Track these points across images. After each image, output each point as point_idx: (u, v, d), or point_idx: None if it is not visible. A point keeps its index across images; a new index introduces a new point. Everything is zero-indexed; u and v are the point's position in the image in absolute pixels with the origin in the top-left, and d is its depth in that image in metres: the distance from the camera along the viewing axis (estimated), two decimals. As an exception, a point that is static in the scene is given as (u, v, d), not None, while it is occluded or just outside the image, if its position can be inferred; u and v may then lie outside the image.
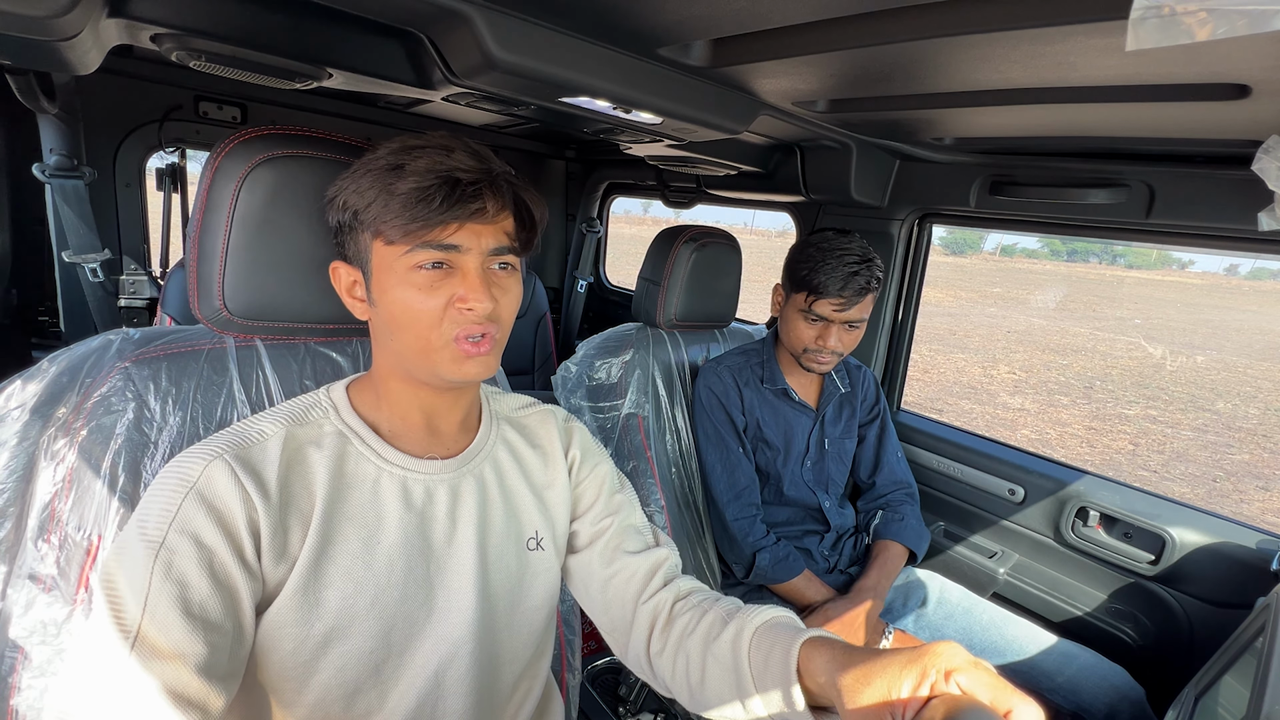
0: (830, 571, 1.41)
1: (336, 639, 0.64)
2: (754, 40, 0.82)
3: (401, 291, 0.63)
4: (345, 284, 0.69)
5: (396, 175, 0.60)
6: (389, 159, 0.62)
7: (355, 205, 0.63)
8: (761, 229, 42.70)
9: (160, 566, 0.55)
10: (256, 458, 0.62)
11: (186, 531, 0.57)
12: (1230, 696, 0.79)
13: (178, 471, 0.60)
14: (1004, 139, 1.29)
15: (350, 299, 0.70)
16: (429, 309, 0.63)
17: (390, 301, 0.64)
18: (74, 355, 0.70)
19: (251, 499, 0.60)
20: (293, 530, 0.62)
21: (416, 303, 0.63)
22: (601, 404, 1.38)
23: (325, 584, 0.63)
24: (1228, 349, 13.30)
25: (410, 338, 0.64)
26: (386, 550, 0.66)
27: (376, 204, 0.62)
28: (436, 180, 0.60)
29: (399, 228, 0.61)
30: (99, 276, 1.66)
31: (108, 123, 1.73)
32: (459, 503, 0.72)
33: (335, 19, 0.86)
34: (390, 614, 0.66)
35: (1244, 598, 1.22)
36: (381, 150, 0.64)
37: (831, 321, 1.29)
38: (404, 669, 0.68)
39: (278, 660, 0.63)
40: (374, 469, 0.68)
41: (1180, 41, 0.42)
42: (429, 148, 0.62)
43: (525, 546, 0.77)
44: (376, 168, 0.62)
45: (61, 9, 0.60)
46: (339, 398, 0.72)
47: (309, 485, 0.64)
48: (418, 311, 0.63)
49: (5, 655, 0.63)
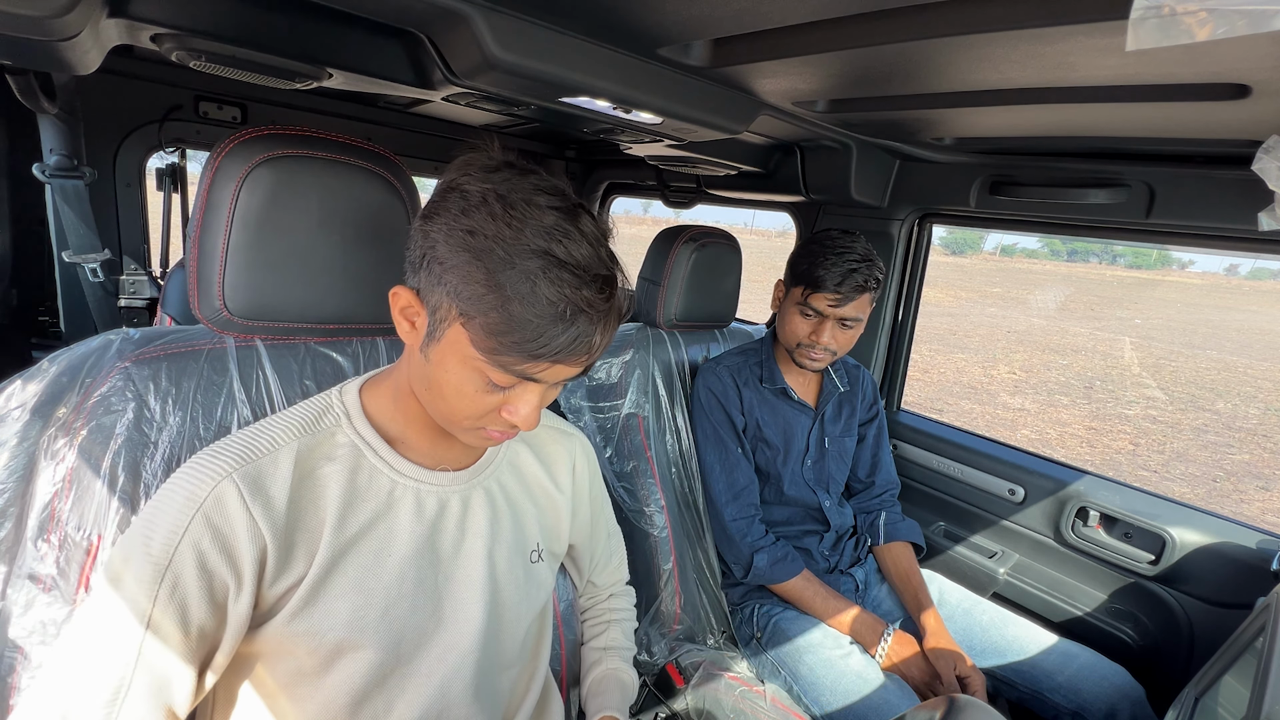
0: (830, 571, 1.41)
1: (347, 649, 0.64)
2: (754, 40, 0.82)
3: (459, 378, 0.59)
4: (402, 307, 0.62)
5: (520, 293, 0.52)
6: (521, 263, 0.53)
7: (454, 279, 0.54)
8: (761, 229, 42.67)
9: (166, 587, 0.56)
10: (266, 475, 0.61)
11: (193, 552, 0.56)
12: (1230, 696, 0.79)
13: (186, 487, 0.58)
14: (1004, 139, 1.29)
15: (402, 319, 0.63)
16: (478, 407, 0.61)
17: (443, 376, 0.60)
18: (74, 355, 0.70)
19: (259, 528, 0.59)
20: (299, 547, 0.62)
21: (468, 398, 0.60)
22: (601, 404, 1.37)
23: (337, 595, 0.63)
24: (1228, 349, 13.30)
25: (443, 408, 0.62)
26: (398, 562, 0.66)
27: (486, 307, 0.53)
28: (557, 320, 0.53)
29: (500, 348, 0.55)
30: (99, 276, 1.65)
31: (108, 123, 1.72)
32: (469, 514, 0.72)
33: (335, 19, 0.86)
34: (400, 625, 0.66)
35: (1244, 598, 1.22)
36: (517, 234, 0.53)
37: (826, 317, 1.29)
38: (411, 678, 0.68)
39: (287, 668, 0.64)
40: (388, 481, 0.67)
41: (1180, 41, 0.42)
42: (567, 267, 0.53)
43: (529, 559, 0.78)
44: (503, 262, 0.53)
45: (61, 9, 0.60)
46: (352, 403, 0.70)
47: (319, 501, 0.63)
48: (466, 403, 0.60)
49: (5, 655, 0.63)
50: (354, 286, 0.79)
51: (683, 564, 1.34)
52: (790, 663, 1.25)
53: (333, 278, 0.77)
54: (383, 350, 0.87)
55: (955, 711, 0.62)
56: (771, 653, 1.29)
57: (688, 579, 1.35)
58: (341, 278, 0.77)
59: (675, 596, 1.32)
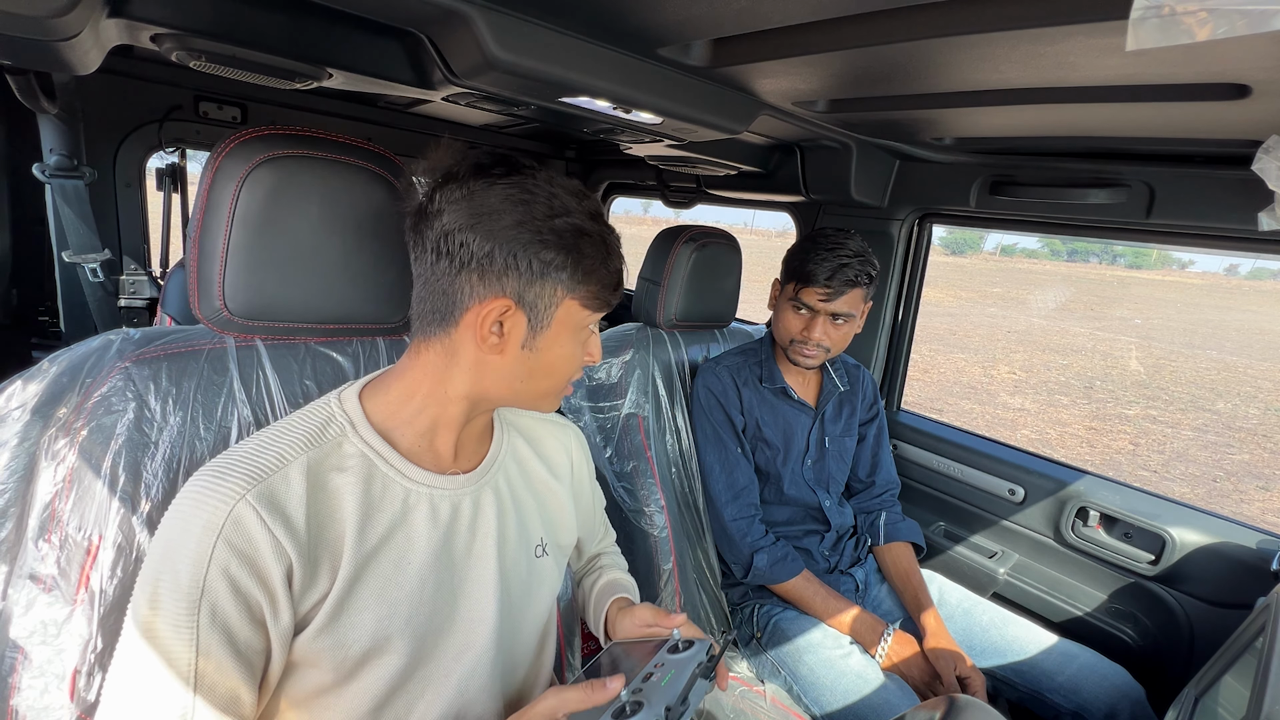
0: (830, 571, 1.41)
1: (371, 659, 0.64)
2: (754, 40, 0.82)
3: (572, 346, 0.70)
4: (492, 320, 0.64)
5: (607, 252, 0.67)
6: (595, 227, 0.66)
7: (563, 263, 0.64)
8: (761, 229, 42.73)
9: (205, 615, 0.56)
10: (280, 493, 0.59)
11: (223, 579, 0.56)
12: (1230, 696, 0.79)
13: (202, 515, 0.57)
14: (1004, 139, 1.29)
15: (488, 333, 0.64)
16: (577, 362, 0.72)
17: (556, 353, 0.69)
18: (74, 355, 0.70)
19: (283, 546, 0.58)
20: (323, 562, 0.61)
21: (575, 358, 0.71)
22: (601, 404, 1.37)
23: (361, 607, 0.63)
24: (1228, 349, 13.30)
25: (551, 383, 0.71)
26: (417, 569, 0.66)
27: (594, 272, 0.66)
28: (616, 257, 0.69)
29: (603, 300, 0.69)
30: (99, 276, 1.65)
31: (108, 123, 1.72)
32: (479, 515, 0.73)
33: (335, 19, 0.86)
34: (421, 630, 0.67)
35: (1244, 598, 1.22)
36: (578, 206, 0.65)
37: (818, 313, 1.29)
38: (430, 680, 0.69)
39: (311, 680, 0.64)
40: (402, 490, 0.67)
41: (1180, 41, 0.42)
42: (598, 218, 0.67)
43: (534, 554, 0.79)
44: (591, 233, 0.65)
45: (61, 9, 0.60)
46: (354, 411, 0.68)
47: (337, 514, 0.63)
48: (573, 364, 0.71)
49: (5, 655, 0.63)
50: (354, 286, 0.79)
51: (683, 564, 1.34)
52: (790, 663, 1.25)
53: (333, 278, 0.77)
54: (383, 350, 0.87)
55: (955, 711, 0.62)
56: (771, 653, 1.29)
57: (688, 579, 1.35)
58: (341, 278, 0.77)
59: (675, 596, 1.32)
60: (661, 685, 0.61)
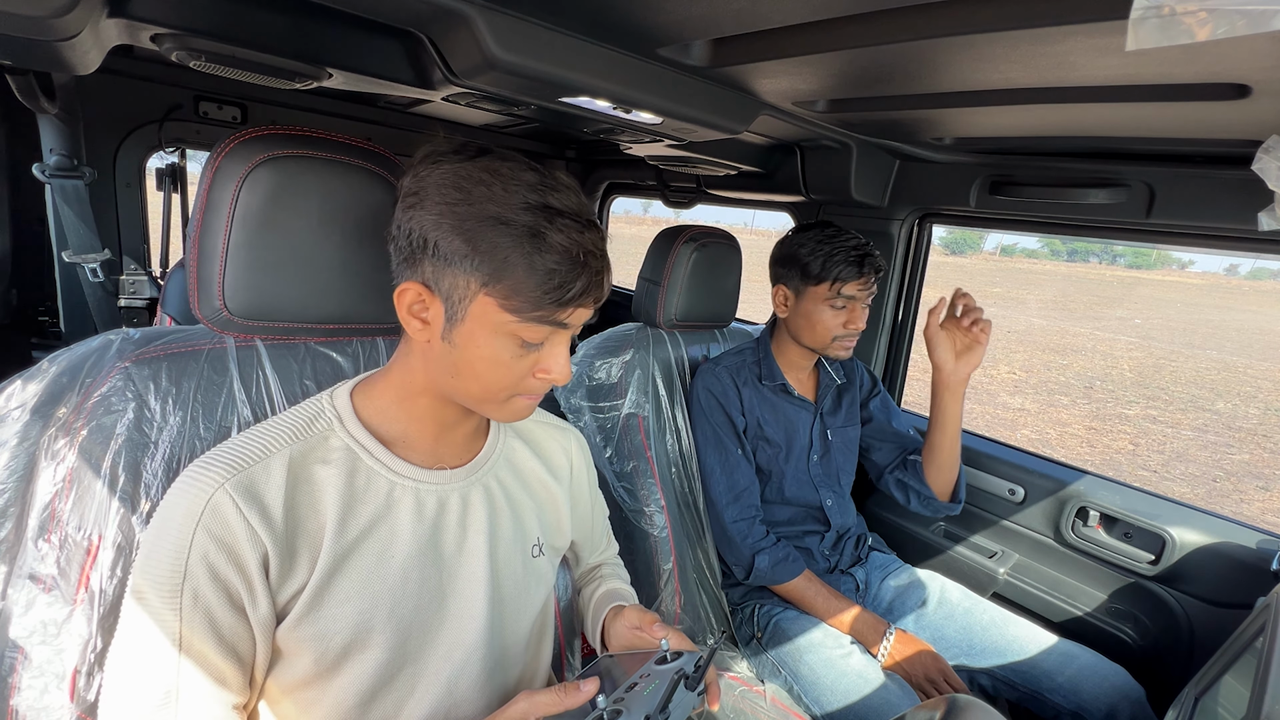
0: (830, 571, 1.41)
1: (354, 652, 0.64)
2: (754, 40, 0.82)
3: (492, 350, 0.62)
4: (410, 304, 0.63)
5: (537, 246, 0.57)
6: (528, 219, 0.57)
7: (468, 252, 0.58)
8: (761, 229, 42.72)
9: (188, 599, 0.57)
10: (259, 483, 0.61)
11: (203, 565, 0.58)
12: (1230, 696, 0.79)
13: (183, 503, 0.59)
14: (1004, 139, 1.29)
15: (410, 317, 0.64)
16: (514, 373, 0.64)
17: (474, 353, 0.62)
18: (74, 355, 0.70)
19: (257, 533, 0.59)
20: (302, 553, 0.62)
21: (504, 365, 0.63)
22: (601, 404, 1.37)
23: (342, 599, 0.63)
24: (1228, 349, 13.30)
25: (477, 386, 0.65)
26: (401, 562, 0.66)
27: (509, 268, 0.58)
28: (574, 263, 0.58)
29: (530, 302, 0.59)
30: (99, 276, 1.65)
31: (108, 123, 1.72)
32: (469, 511, 0.72)
33: (335, 19, 0.86)
34: (406, 625, 0.66)
35: (1244, 598, 1.22)
36: (510, 197, 0.58)
37: (857, 301, 1.34)
38: (419, 677, 0.69)
39: (294, 672, 0.64)
40: (386, 482, 0.67)
41: (1180, 41, 0.42)
42: (565, 215, 0.58)
43: (530, 554, 0.79)
44: (513, 223, 0.57)
45: (61, 9, 0.60)
46: (343, 407, 0.69)
47: (317, 505, 0.63)
48: (502, 372, 0.63)
49: (5, 655, 0.63)
50: (354, 286, 0.79)
51: (683, 564, 1.34)
52: (791, 662, 1.25)
53: (333, 278, 0.77)
54: (382, 350, 0.87)
55: (955, 711, 0.62)
56: (772, 652, 1.29)
57: (688, 579, 1.35)
58: (341, 278, 0.77)
59: (675, 596, 1.32)
60: (644, 695, 0.61)
